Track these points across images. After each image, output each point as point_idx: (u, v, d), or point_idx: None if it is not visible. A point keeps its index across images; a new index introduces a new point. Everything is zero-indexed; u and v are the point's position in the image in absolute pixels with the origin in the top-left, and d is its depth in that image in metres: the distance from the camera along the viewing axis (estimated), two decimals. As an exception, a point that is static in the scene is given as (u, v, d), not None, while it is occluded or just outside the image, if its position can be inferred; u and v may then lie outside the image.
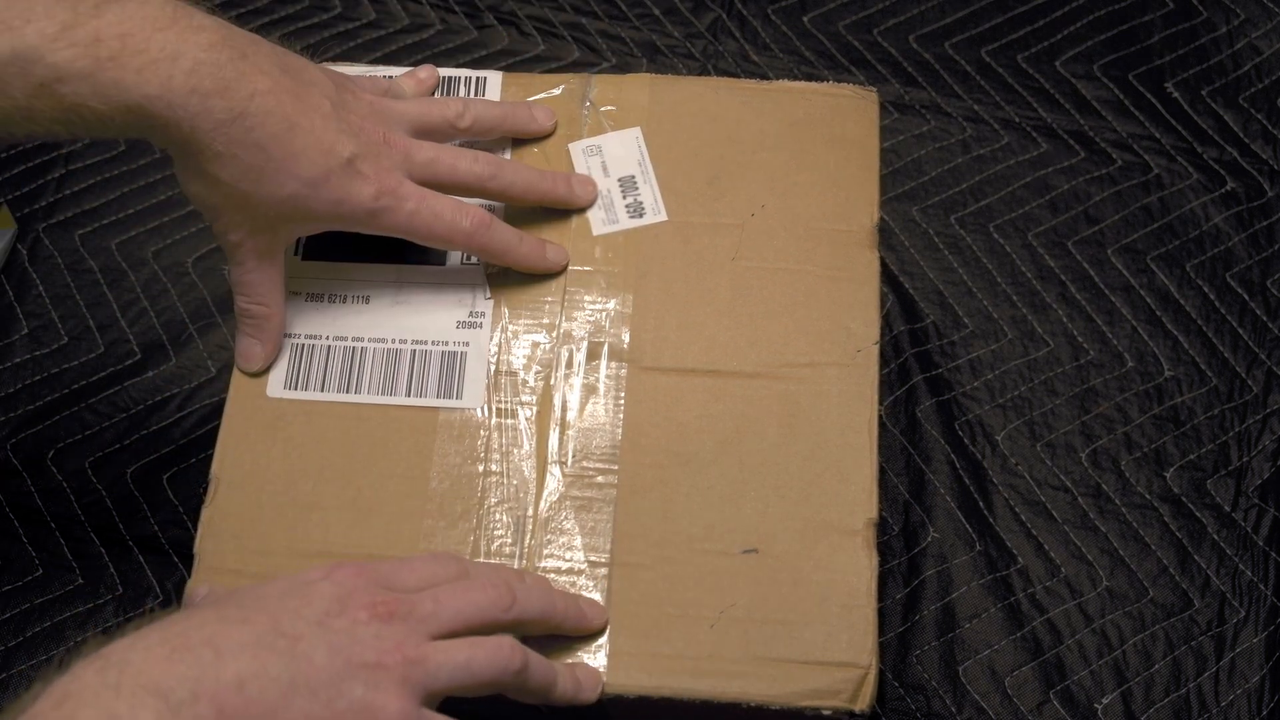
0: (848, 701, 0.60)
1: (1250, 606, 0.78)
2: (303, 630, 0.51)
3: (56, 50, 0.58)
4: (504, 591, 0.57)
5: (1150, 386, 0.84)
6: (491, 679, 0.55)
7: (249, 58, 0.62)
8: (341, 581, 0.54)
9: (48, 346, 0.86)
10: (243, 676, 0.49)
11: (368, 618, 0.53)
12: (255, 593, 0.54)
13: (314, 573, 0.55)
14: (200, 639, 0.50)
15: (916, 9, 0.97)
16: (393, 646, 0.52)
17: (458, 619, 0.55)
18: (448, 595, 0.56)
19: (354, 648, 0.52)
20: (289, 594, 0.53)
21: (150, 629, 0.50)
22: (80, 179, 0.91)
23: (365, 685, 0.51)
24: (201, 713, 0.48)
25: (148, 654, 0.49)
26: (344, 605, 0.53)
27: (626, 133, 0.73)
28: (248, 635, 0.51)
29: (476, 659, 0.54)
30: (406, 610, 0.54)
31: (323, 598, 0.53)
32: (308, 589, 0.54)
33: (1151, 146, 0.92)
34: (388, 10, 0.98)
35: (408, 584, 0.56)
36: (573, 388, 0.67)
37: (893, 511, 0.81)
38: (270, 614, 0.52)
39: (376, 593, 0.54)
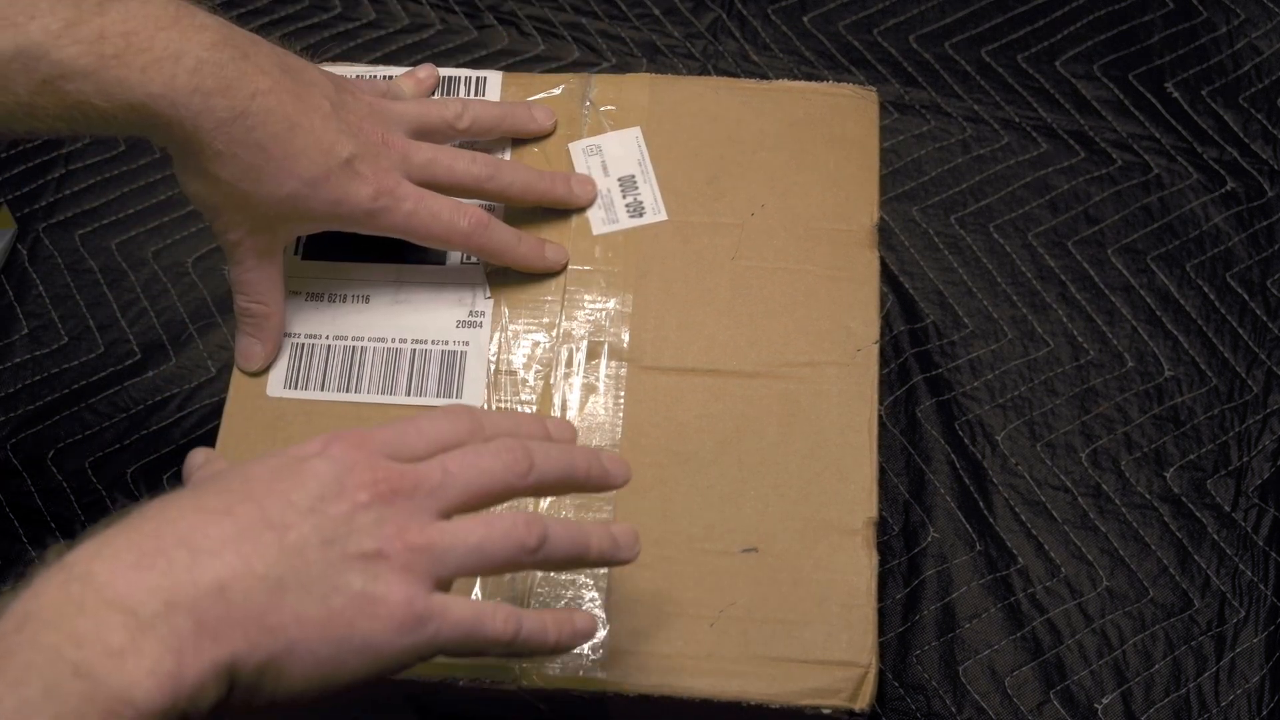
0: (847, 701, 0.60)
1: (1250, 606, 0.78)
2: (293, 519, 0.47)
3: (61, 47, 0.58)
4: (520, 456, 0.51)
5: (1150, 386, 0.84)
6: (507, 559, 0.50)
7: (250, 57, 0.62)
8: (338, 457, 0.49)
9: (48, 346, 0.86)
10: (223, 579, 0.45)
11: (368, 499, 0.48)
12: (241, 474, 0.48)
13: (310, 445, 0.50)
14: (173, 539, 0.45)
15: (916, 9, 0.97)
16: (394, 532, 0.48)
17: (469, 491, 0.50)
18: (457, 464, 0.50)
19: (351, 536, 0.47)
20: (280, 474, 0.48)
21: (118, 529, 0.46)
22: (80, 179, 0.91)
23: (364, 576, 0.47)
24: (178, 625, 0.44)
25: (114, 563, 0.44)
26: (341, 486, 0.48)
27: (626, 132, 0.73)
28: (229, 529, 0.46)
29: (491, 540, 0.50)
30: (411, 486, 0.49)
31: (317, 478, 0.48)
32: (300, 467, 0.48)
33: (1151, 146, 0.92)
34: (388, 10, 0.98)
35: (415, 449, 0.51)
36: (572, 387, 0.67)
37: (893, 511, 0.81)
38: (257, 501, 0.47)
39: (378, 467, 0.49)
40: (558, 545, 0.51)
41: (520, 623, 0.51)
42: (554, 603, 0.62)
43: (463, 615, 0.49)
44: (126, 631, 0.43)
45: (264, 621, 0.45)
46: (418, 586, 0.48)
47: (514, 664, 0.61)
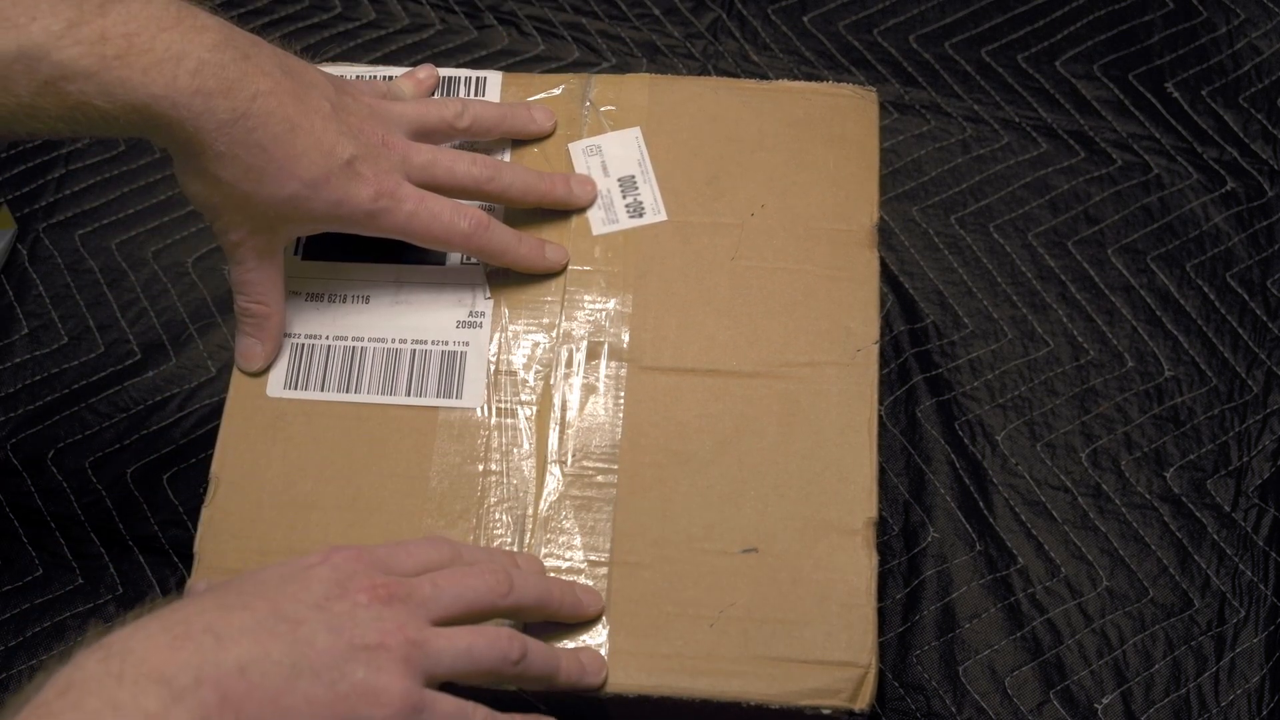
0: (847, 701, 0.60)
1: (1250, 606, 0.78)
2: (303, 614, 0.51)
3: (62, 48, 0.58)
4: (501, 577, 0.57)
5: (1150, 386, 0.84)
6: (492, 667, 0.55)
7: (251, 58, 0.62)
8: (339, 565, 0.54)
9: (48, 346, 0.86)
10: (244, 661, 0.49)
11: (368, 600, 0.53)
12: (254, 579, 0.53)
13: (312, 557, 0.55)
14: (201, 626, 0.50)
15: (916, 9, 0.97)
16: (394, 628, 0.53)
17: (457, 604, 0.56)
18: (446, 579, 0.56)
19: (355, 630, 0.52)
20: (288, 579, 0.53)
21: (151, 618, 0.50)
22: (80, 179, 0.91)
23: (367, 667, 0.51)
24: (205, 698, 0.48)
25: (149, 642, 0.49)
26: (344, 588, 0.53)
27: (626, 133, 0.73)
28: (248, 621, 0.51)
29: (478, 646, 0.55)
30: (406, 593, 0.54)
31: (321, 581, 0.53)
32: (306, 574, 0.54)
33: (1151, 146, 0.92)
34: (388, 10, 0.98)
35: (405, 568, 0.56)
36: (572, 387, 0.68)
37: (893, 511, 0.81)
38: (270, 599, 0.52)
39: (375, 575, 0.54)
40: (534, 662, 0.57)
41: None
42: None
43: (449, 710, 0.54)
44: (160, 701, 0.47)
45: (279, 702, 0.49)
46: (414, 680, 0.52)
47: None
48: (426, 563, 0.57)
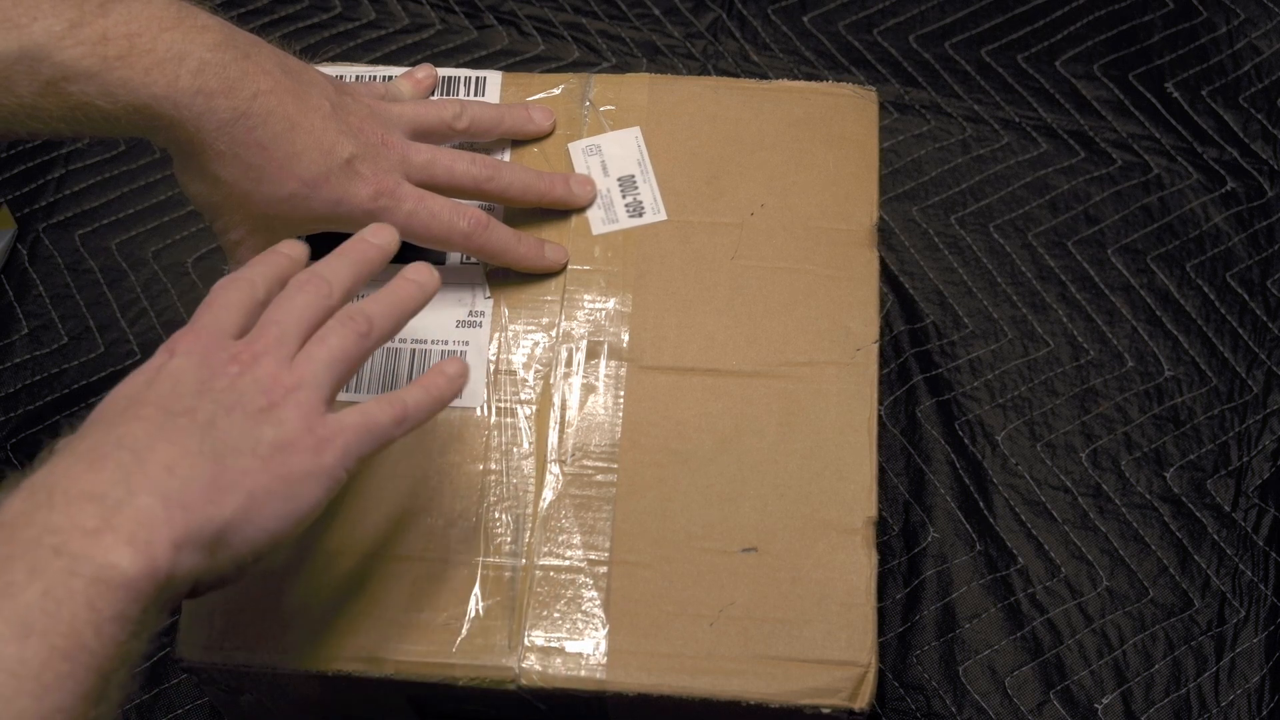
0: (847, 700, 0.60)
1: (1250, 606, 0.78)
2: (191, 404, 0.52)
3: (64, 49, 0.58)
4: (317, 282, 0.57)
5: (1150, 386, 0.84)
6: (357, 351, 0.57)
7: (252, 58, 0.62)
8: (190, 351, 0.54)
9: (48, 346, 0.86)
10: (167, 462, 0.50)
11: (238, 370, 0.54)
12: (121, 395, 0.53)
13: (156, 358, 0.54)
14: (110, 444, 0.50)
15: (916, 9, 0.97)
16: (271, 384, 0.54)
17: (301, 326, 0.56)
18: (279, 313, 0.56)
19: (243, 399, 0.53)
20: (154, 382, 0.53)
21: (58, 458, 0.50)
22: (80, 179, 0.92)
23: (271, 425, 0.53)
24: (143, 504, 0.48)
25: (69, 471, 0.49)
26: (210, 368, 0.53)
27: (626, 132, 0.73)
28: (148, 428, 0.51)
29: (334, 349, 0.56)
30: (262, 348, 0.55)
31: (187, 373, 0.53)
32: (166, 371, 0.53)
33: (1151, 146, 0.92)
34: (388, 10, 0.98)
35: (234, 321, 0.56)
36: (572, 387, 0.67)
37: (893, 511, 0.81)
38: (152, 404, 0.52)
39: (228, 345, 0.55)
40: (383, 319, 0.58)
41: (403, 400, 0.57)
42: (555, 601, 0.62)
43: (355, 420, 0.55)
44: (97, 515, 0.48)
45: (217, 484, 0.51)
46: (313, 417, 0.54)
47: (514, 663, 0.61)
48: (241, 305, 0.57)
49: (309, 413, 0.54)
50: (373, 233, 0.61)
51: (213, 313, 0.56)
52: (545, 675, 0.61)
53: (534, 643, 0.62)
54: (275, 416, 0.53)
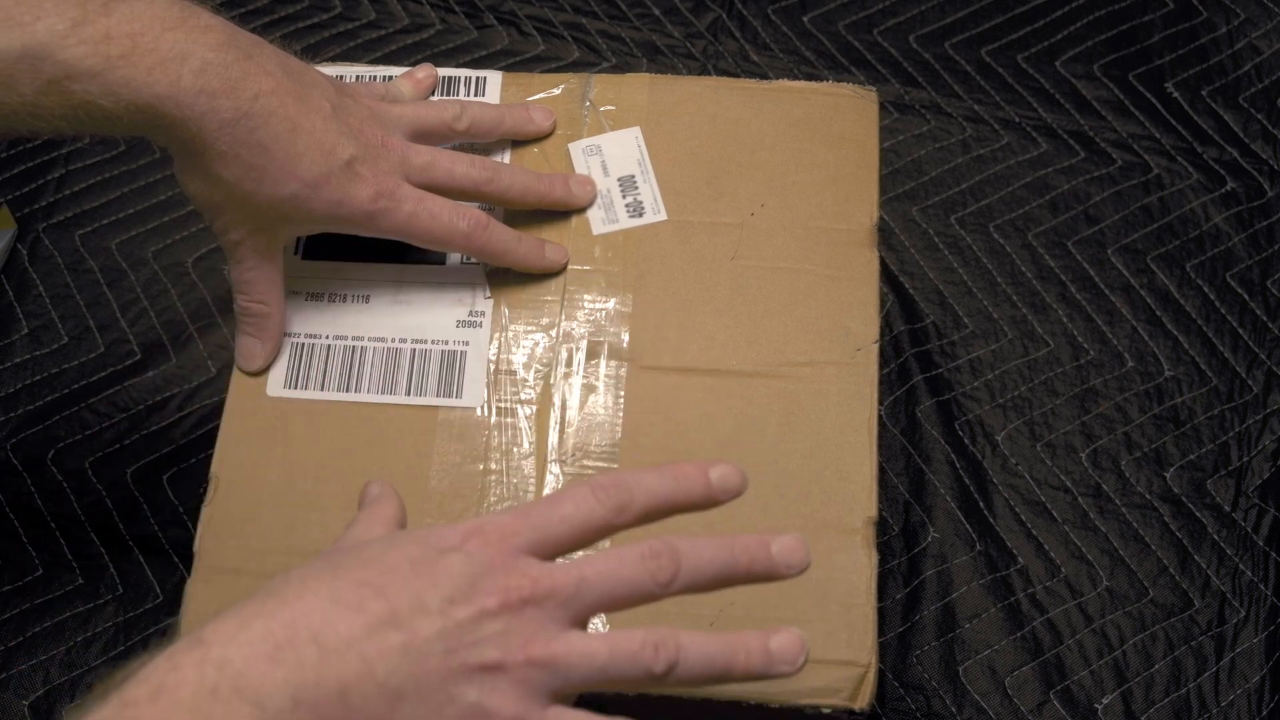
0: (847, 700, 0.60)
1: (1250, 606, 0.78)
2: (420, 623, 0.47)
3: (67, 48, 0.58)
4: (666, 563, 0.49)
5: (1150, 386, 0.84)
6: (634, 682, 0.48)
7: (254, 58, 0.62)
8: (476, 555, 0.48)
9: (48, 346, 0.86)
10: (346, 682, 0.46)
11: (497, 606, 0.47)
12: (383, 562, 0.48)
13: (450, 536, 0.49)
14: (306, 634, 0.46)
15: (916, 9, 0.97)
16: (519, 644, 0.47)
17: (604, 600, 0.49)
18: (596, 571, 0.49)
19: (474, 646, 0.47)
20: (418, 567, 0.48)
21: (255, 612, 0.47)
22: (80, 179, 0.91)
23: (480, 689, 0.47)
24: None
25: (249, 651, 0.46)
26: (473, 588, 0.47)
27: (626, 132, 0.73)
28: (358, 628, 0.46)
29: (615, 662, 0.48)
30: (544, 594, 0.48)
31: (451, 577, 0.47)
32: (439, 563, 0.48)
33: (1151, 146, 0.92)
34: (388, 10, 0.98)
35: (559, 539, 0.50)
36: (572, 387, 0.68)
37: (893, 511, 0.81)
38: (388, 598, 0.47)
39: (513, 572, 0.48)
40: (692, 667, 0.49)
41: None
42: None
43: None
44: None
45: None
46: (531, 702, 0.47)
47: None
48: (585, 526, 0.50)
49: (530, 696, 0.47)
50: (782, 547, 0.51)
51: (546, 517, 0.50)
52: (545, 675, 0.61)
53: (534, 643, 0.62)
54: (491, 682, 0.47)
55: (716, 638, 0.49)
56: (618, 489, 0.50)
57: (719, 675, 0.49)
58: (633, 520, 0.51)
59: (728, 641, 0.49)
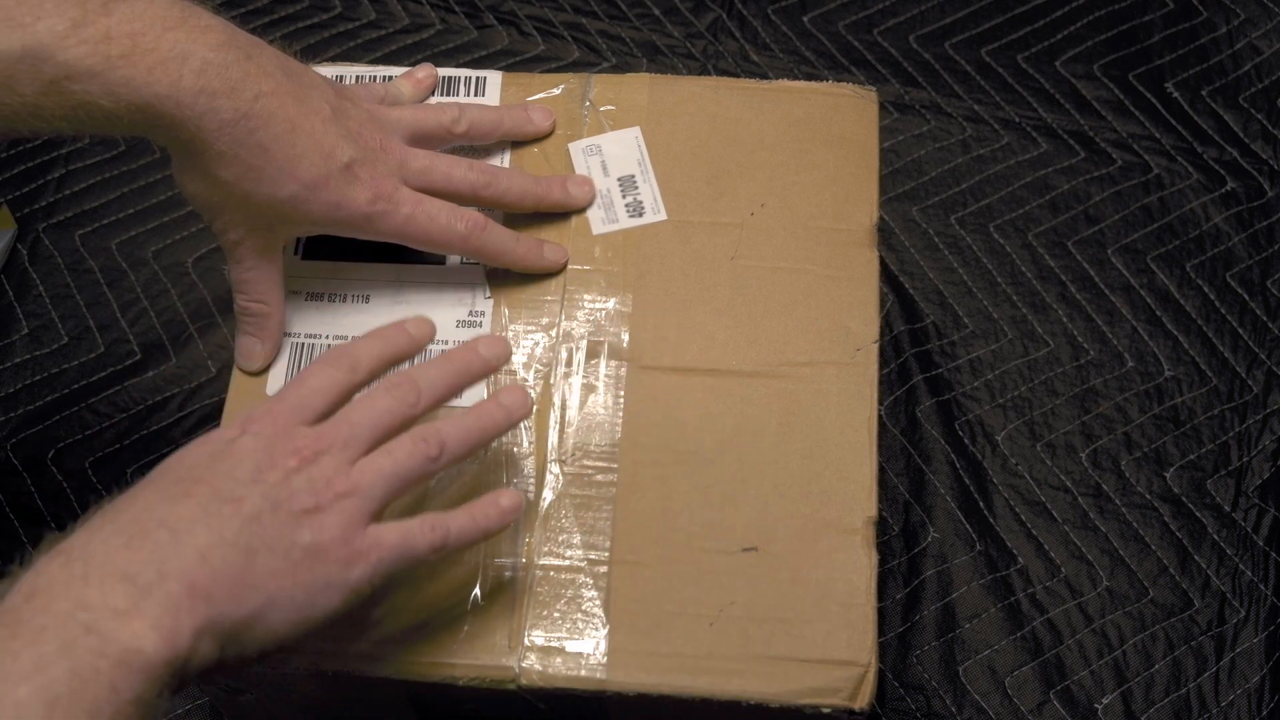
0: (847, 700, 0.60)
1: (1250, 606, 0.78)
2: (241, 492, 0.53)
3: (67, 48, 0.58)
4: (408, 388, 0.58)
5: (1150, 386, 0.84)
6: (421, 472, 0.57)
7: (254, 59, 0.62)
8: (259, 433, 0.55)
9: (48, 346, 0.86)
10: (202, 550, 0.51)
11: (296, 464, 0.55)
12: (183, 464, 0.55)
13: (230, 430, 0.56)
14: (153, 522, 0.51)
15: (916, 9, 0.97)
16: (323, 486, 0.55)
17: (376, 431, 0.57)
18: (358, 413, 0.57)
19: (292, 498, 0.54)
20: (216, 458, 0.54)
21: (100, 521, 0.52)
22: (80, 179, 0.92)
23: (310, 529, 0.54)
24: (172, 590, 0.50)
25: (107, 544, 0.50)
26: (271, 456, 0.55)
27: (626, 132, 0.73)
28: (194, 509, 0.52)
29: (399, 464, 0.56)
30: (326, 445, 0.56)
31: (249, 454, 0.55)
32: (231, 449, 0.55)
33: (1151, 146, 0.92)
34: (388, 10, 0.98)
35: (315, 407, 0.57)
36: (572, 387, 0.67)
37: (893, 511, 0.81)
38: (206, 483, 0.53)
39: (296, 436, 0.56)
40: (457, 444, 0.58)
41: (447, 527, 0.57)
42: (555, 601, 0.62)
43: (394, 540, 0.56)
44: (128, 596, 0.49)
45: (244, 580, 0.52)
46: (354, 528, 0.55)
47: (514, 663, 0.61)
48: (330, 390, 0.58)
49: (350, 523, 0.55)
50: (486, 344, 0.62)
51: (299, 394, 0.58)
52: (545, 675, 0.61)
53: (534, 642, 0.62)
54: (317, 521, 0.54)
55: (468, 414, 0.59)
56: (342, 354, 0.59)
57: (478, 442, 0.59)
58: (365, 374, 0.59)
59: (475, 416, 0.59)
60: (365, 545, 0.55)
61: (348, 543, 0.54)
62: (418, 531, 0.56)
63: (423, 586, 0.63)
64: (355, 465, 0.56)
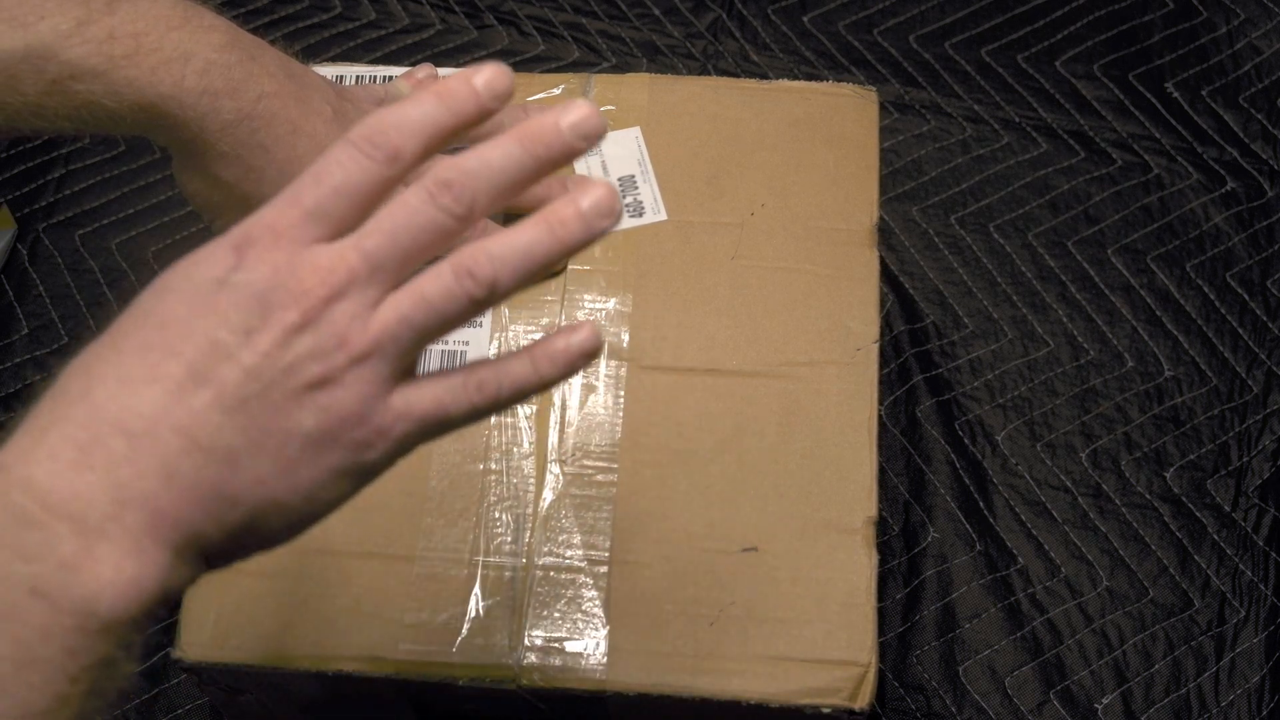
0: (847, 700, 0.60)
1: (1250, 606, 0.78)
2: (223, 370, 0.41)
3: (70, 47, 0.58)
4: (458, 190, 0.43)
5: (1150, 386, 0.84)
6: (461, 319, 0.44)
7: (257, 60, 0.62)
8: (255, 268, 0.42)
9: (48, 346, 0.86)
10: (168, 462, 0.41)
11: (300, 317, 0.42)
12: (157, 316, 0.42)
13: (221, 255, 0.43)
14: (107, 424, 0.41)
15: (916, 9, 0.97)
16: (335, 346, 0.42)
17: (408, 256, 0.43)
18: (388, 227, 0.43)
19: (291, 371, 0.42)
20: (197, 309, 0.42)
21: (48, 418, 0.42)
22: (80, 179, 0.92)
23: (315, 413, 0.42)
24: (130, 523, 0.41)
25: (52, 464, 0.41)
26: (267, 307, 0.42)
27: (626, 132, 0.73)
28: (160, 399, 0.41)
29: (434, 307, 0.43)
30: (344, 281, 0.42)
31: (238, 305, 0.42)
32: (219, 294, 0.42)
33: (1151, 146, 0.92)
34: (388, 10, 0.98)
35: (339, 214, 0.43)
36: (572, 387, 0.68)
37: (893, 511, 0.81)
38: (180, 354, 0.42)
39: (302, 269, 0.42)
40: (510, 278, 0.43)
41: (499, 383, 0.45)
42: (556, 601, 0.62)
43: (426, 408, 0.44)
44: (77, 540, 0.40)
45: (222, 494, 0.42)
46: (374, 397, 0.43)
47: (514, 663, 0.61)
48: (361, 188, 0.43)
49: (369, 394, 0.43)
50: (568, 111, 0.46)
51: (316, 195, 0.43)
52: (545, 675, 0.61)
53: (534, 642, 0.62)
54: (324, 398, 0.42)
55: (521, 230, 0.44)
56: (379, 131, 0.44)
57: (541, 263, 0.44)
58: (410, 161, 0.44)
59: (537, 223, 0.44)
60: (389, 419, 0.43)
61: (364, 420, 0.43)
62: (460, 392, 0.44)
63: (423, 586, 0.63)
64: (378, 310, 0.43)
